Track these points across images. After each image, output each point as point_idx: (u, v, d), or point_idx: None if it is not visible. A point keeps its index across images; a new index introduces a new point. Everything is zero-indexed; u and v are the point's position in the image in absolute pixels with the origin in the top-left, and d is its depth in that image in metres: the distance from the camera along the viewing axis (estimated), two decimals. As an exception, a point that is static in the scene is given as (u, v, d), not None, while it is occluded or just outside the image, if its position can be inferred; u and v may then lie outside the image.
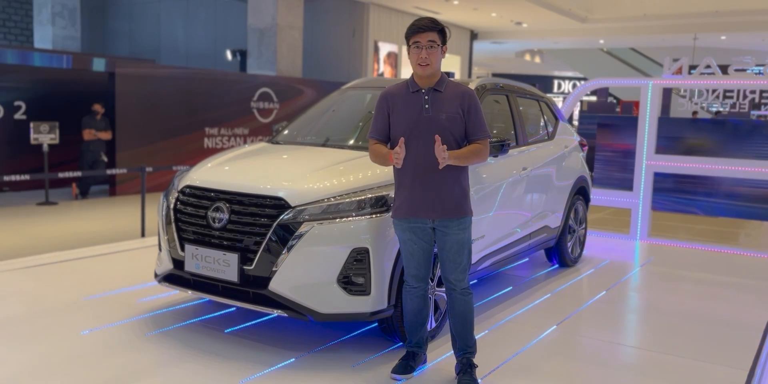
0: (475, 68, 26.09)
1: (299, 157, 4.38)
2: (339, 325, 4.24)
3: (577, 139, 6.36)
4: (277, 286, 3.59)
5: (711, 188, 7.55)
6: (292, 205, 3.63)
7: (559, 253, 5.98)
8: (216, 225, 3.77)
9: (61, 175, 7.77)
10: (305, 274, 3.59)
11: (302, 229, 3.56)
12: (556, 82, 35.92)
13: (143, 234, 7.24)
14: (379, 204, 3.67)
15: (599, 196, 7.76)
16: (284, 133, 5.03)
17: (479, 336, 4.02)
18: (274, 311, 3.65)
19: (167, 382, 3.41)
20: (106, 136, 10.37)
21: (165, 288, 4.41)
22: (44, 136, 9.69)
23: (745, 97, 8.45)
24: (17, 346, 3.81)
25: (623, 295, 5.42)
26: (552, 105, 6.12)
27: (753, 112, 13.03)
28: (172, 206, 4.04)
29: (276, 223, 3.60)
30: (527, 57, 28.91)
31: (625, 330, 4.64)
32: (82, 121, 10.24)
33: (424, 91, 3.40)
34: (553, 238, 5.77)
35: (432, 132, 3.29)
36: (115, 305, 4.55)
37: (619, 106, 17.06)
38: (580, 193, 6.21)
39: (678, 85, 7.67)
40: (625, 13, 20.13)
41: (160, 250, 4.19)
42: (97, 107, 10.33)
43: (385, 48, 18.74)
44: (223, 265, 3.69)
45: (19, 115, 10.39)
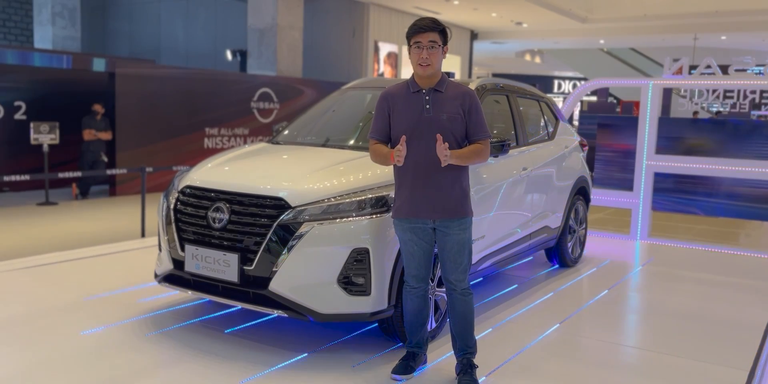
0: (475, 68, 26.10)
1: (299, 158, 4.38)
2: (339, 326, 4.24)
3: (577, 139, 6.36)
4: (277, 286, 3.59)
5: (711, 188, 7.55)
6: (293, 205, 3.63)
7: (559, 253, 5.98)
8: (216, 225, 3.77)
9: (61, 176, 7.77)
10: (305, 274, 3.59)
11: (302, 229, 3.56)
12: (556, 82, 35.94)
13: (143, 234, 7.25)
14: (379, 204, 3.67)
15: (599, 196, 7.76)
16: (284, 133, 5.03)
17: (479, 336, 4.02)
18: (275, 311, 3.65)
19: (167, 383, 3.41)
20: (106, 136, 10.37)
21: (165, 288, 4.41)
22: (44, 136, 9.69)
23: (745, 97, 8.44)
24: (17, 346, 3.81)
25: (623, 295, 5.42)
26: (552, 105, 6.11)
27: (753, 112, 13.03)
28: (172, 206, 4.04)
29: (276, 224, 3.60)
30: (527, 57, 28.92)
31: (625, 330, 4.64)
32: (82, 121, 10.24)
33: (424, 91, 3.39)
34: (554, 238, 5.77)
35: (433, 132, 3.28)
36: (115, 305, 4.55)
37: (619, 106, 17.05)
38: (581, 193, 6.21)
39: (678, 85, 7.66)
40: (625, 13, 20.14)
41: (160, 250, 4.19)
42: (97, 107, 10.33)
43: (385, 48, 18.74)
44: (223, 266, 3.69)
45: (19, 115, 10.39)
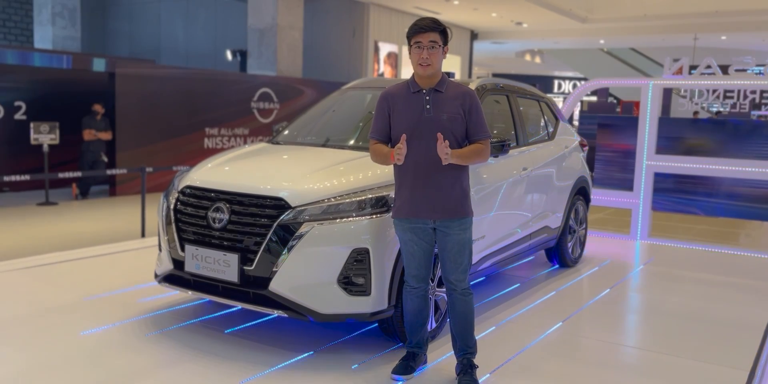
0: (475, 68, 26.10)
1: (299, 158, 4.38)
2: (339, 326, 4.24)
3: (577, 139, 6.36)
4: (277, 286, 3.59)
5: (711, 188, 7.55)
6: (293, 205, 3.63)
7: (559, 253, 5.98)
8: (216, 225, 3.77)
9: (61, 176, 7.77)
10: (305, 274, 3.59)
11: (302, 229, 3.56)
12: (556, 82, 35.94)
13: (143, 234, 7.24)
14: (379, 204, 3.67)
15: (599, 196, 7.76)
16: (284, 133, 5.03)
17: (480, 336, 4.02)
18: (275, 312, 3.64)
19: (167, 383, 3.40)
20: (106, 136, 10.37)
21: (165, 288, 4.41)
22: (44, 136, 9.69)
23: (745, 97, 8.45)
24: (17, 346, 3.81)
25: (624, 295, 5.41)
26: (552, 105, 6.11)
27: (753, 112, 13.03)
28: (172, 206, 4.04)
29: (276, 224, 3.60)
30: (527, 57, 28.92)
31: (625, 330, 4.63)
32: (82, 121, 10.24)
33: (425, 91, 3.39)
34: (554, 238, 5.77)
35: (433, 132, 3.28)
36: (115, 305, 4.55)
37: (619, 106, 17.04)
38: (581, 193, 6.21)
39: (678, 85, 7.66)
40: (625, 13, 20.14)
41: (160, 250, 4.19)
42: (98, 107, 10.33)
43: (385, 48, 18.74)
44: (224, 266, 3.69)
45: (19, 116, 10.38)
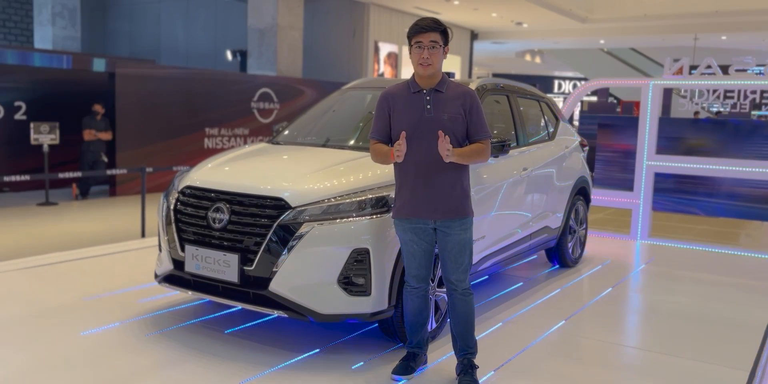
0: (475, 68, 26.10)
1: (299, 158, 4.38)
2: (339, 326, 4.24)
3: (577, 139, 6.35)
4: (277, 286, 3.58)
5: (711, 189, 7.54)
6: (293, 205, 3.63)
7: (559, 253, 5.98)
8: (216, 225, 3.76)
9: (62, 176, 7.77)
10: (305, 274, 3.59)
11: (303, 229, 3.56)
12: (556, 82, 35.94)
13: (143, 234, 7.24)
14: (379, 204, 3.67)
15: (600, 196, 7.76)
16: (284, 133, 5.03)
17: (480, 336, 4.02)
18: (275, 312, 3.64)
19: (167, 383, 3.40)
20: (106, 136, 10.37)
21: (165, 288, 4.41)
22: (44, 136, 9.69)
23: (745, 97, 8.43)
24: (17, 346, 3.81)
25: (624, 295, 5.41)
26: (552, 105, 6.11)
27: (754, 112, 13.03)
28: (172, 207, 4.04)
29: (276, 224, 3.60)
30: (527, 57, 28.92)
31: (625, 330, 4.63)
32: (82, 121, 10.24)
33: (425, 91, 3.39)
34: (554, 238, 5.76)
35: (434, 132, 3.28)
36: (115, 306, 4.55)
37: (619, 106, 17.04)
38: (581, 193, 6.21)
39: (678, 85, 7.66)
40: (625, 13, 20.14)
41: (160, 250, 4.19)
42: (98, 107, 10.33)
43: (385, 48, 18.74)
44: (224, 266, 3.69)
45: (19, 116, 10.39)
